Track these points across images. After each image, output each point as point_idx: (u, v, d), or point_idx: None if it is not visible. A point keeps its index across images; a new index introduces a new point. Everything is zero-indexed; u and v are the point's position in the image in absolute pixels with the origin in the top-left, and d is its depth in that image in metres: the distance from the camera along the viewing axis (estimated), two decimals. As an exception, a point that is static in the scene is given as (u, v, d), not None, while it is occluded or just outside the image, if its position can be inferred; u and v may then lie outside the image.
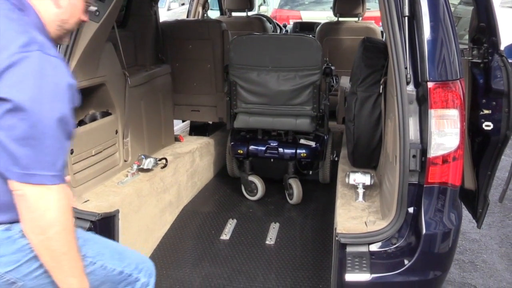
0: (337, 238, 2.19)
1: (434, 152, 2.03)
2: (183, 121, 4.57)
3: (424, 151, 2.05)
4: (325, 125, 3.62)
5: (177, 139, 3.93)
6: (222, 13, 6.06)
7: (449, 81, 2.02)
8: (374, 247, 2.15)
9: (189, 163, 3.71)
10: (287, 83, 3.38)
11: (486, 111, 2.48)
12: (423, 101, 2.06)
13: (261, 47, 3.44)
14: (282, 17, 10.49)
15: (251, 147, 3.66)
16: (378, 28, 5.02)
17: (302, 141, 3.64)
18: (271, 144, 3.64)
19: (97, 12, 2.51)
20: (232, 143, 3.74)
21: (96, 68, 2.80)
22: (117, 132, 3.09)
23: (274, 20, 6.39)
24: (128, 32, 3.59)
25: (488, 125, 2.45)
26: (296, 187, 3.65)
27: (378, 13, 3.11)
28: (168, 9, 13.67)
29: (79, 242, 1.52)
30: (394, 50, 2.08)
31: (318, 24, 5.33)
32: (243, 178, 3.78)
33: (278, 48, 3.41)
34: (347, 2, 5.03)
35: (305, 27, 6.04)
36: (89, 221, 2.43)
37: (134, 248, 2.05)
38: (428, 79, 2.02)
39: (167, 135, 3.78)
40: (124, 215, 2.74)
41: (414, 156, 2.06)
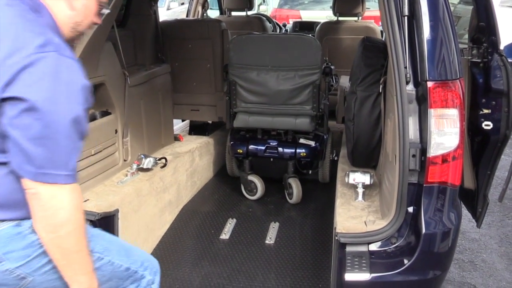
0: (336, 238, 2.19)
1: (433, 151, 2.03)
2: (183, 121, 4.57)
3: (423, 150, 2.05)
4: (324, 124, 3.62)
5: (176, 138, 3.93)
6: (221, 13, 6.06)
7: (449, 81, 2.02)
8: (373, 247, 2.15)
9: (189, 163, 3.71)
10: (287, 83, 3.38)
11: (485, 111, 2.48)
12: (422, 101, 2.06)
13: (260, 47, 3.44)
14: (281, 16, 10.50)
15: (251, 146, 3.66)
16: (378, 28, 5.03)
17: (302, 140, 3.64)
18: (271, 143, 3.63)
19: None
20: (231, 142, 3.74)
21: (95, 67, 2.80)
22: (116, 131, 3.08)
23: (274, 20, 6.39)
24: (127, 32, 3.59)
25: (487, 125, 2.45)
26: (295, 187, 3.65)
27: (377, 13, 3.10)
28: (168, 9, 13.67)
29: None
30: (394, 50, 2.08)
31: (317, 23, 5.33)
32: (242, 178, 3.78)
33: (277, 48, 3.40)
34: (347, 1, 5.03)
35: (305, 27, 6.03)
36: (89, 221, 2.44)
37: (134, 247, 2.05)
38: (427, 79, 2.02)
39: (167, 134, 3.78)
40: (124, 214, 2.74)
41: (413, 156, 2.06)
